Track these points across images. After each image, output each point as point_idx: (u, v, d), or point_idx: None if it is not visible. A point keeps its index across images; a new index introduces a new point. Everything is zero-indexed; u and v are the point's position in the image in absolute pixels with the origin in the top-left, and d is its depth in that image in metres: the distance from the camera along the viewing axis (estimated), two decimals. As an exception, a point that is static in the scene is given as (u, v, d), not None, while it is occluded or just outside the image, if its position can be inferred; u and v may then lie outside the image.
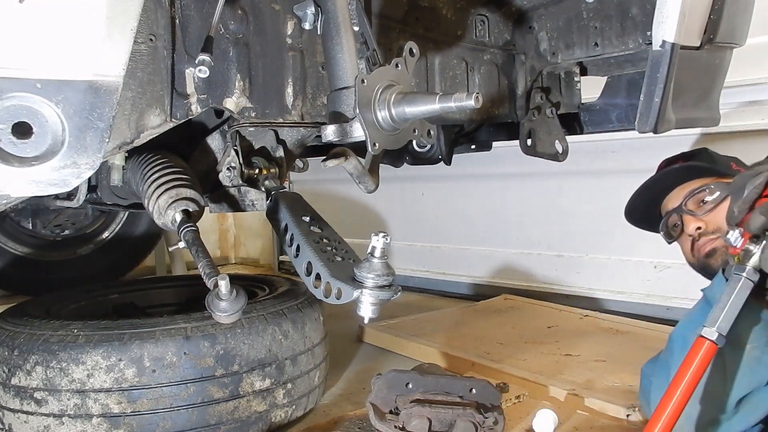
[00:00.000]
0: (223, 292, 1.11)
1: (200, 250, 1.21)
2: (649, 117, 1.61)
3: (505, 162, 3.11)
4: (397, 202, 3.95)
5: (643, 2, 1.84)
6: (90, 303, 2.13)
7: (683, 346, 1.29)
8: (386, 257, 1.19)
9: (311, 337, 1.76)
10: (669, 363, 1.38)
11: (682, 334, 1.39)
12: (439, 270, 3.80)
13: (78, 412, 1.45)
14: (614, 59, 2.05)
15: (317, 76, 1.50)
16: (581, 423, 1.61)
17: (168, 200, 1.32)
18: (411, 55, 1.27)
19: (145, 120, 1.20)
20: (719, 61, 1.84)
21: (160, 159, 1.48)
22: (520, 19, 2.10)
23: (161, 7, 1.21)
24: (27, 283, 3.18)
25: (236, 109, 1.35)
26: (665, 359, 1.43)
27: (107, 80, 0.95)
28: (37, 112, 0.91)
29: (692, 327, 1.29)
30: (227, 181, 1.59)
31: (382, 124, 1.22)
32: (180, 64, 1.25)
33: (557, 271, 3.24)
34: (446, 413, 1.47)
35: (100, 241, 3.42)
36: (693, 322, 1.33)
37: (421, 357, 2.26)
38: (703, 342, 1.18)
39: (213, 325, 1.54)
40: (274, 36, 1.42)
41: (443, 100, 1.16)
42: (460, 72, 1.92)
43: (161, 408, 1.47)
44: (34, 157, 0.92)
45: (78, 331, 1.51)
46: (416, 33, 1.77)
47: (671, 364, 1.36)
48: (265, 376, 1.60)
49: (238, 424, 1.55)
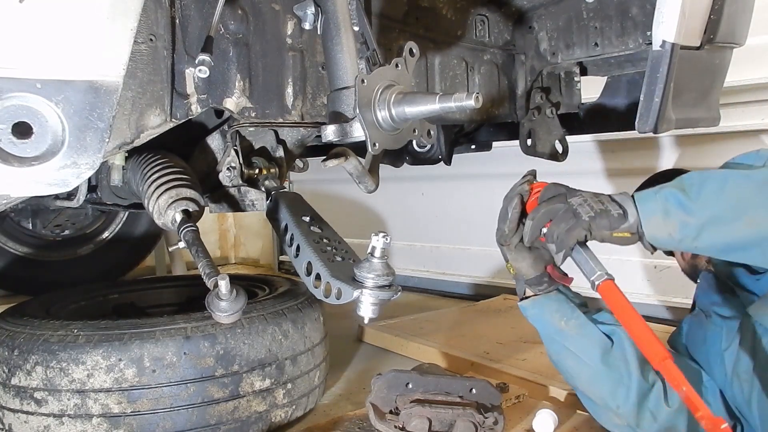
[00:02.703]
0: (223, 292, 1.11)
1: (200, 250, 1.21)
2: (649, 117, 1.61)
3: (505, 162, 3.11)
4: (397, 202, 3.95)
5: (643, 2, 1.84)
6: (90, 303, 2.13)
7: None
8: (386, 257, 1.19)
9: (311, 337, 1.76)
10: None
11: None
12: (439, 270, 3.79)
13: (78, 412, 1.45)
14: (614, 59, 2.06)
15: (317, 76, 1.50)
16: (581, 423, 1.61)
17: (168, 200, 1.32)
18: (411, 55, 1.27)
19: (145, 120, 1.21)
20: (719, 61, 1.84)
21: (160, 159, 1.48)
22: (520, 19, 2.10)
23: (161, 7, 1.21)
24: (27, 283, 3.18)
25: (236, 109, 1.35)
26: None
27: (107, 80, 0.95)
28: (37, 112, 0.91)
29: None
30: (227, 181, 1.59)
31: (382, 124, 1.22)
32: (180, 64, 1.25)
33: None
34: (446, 413, 1.47)
35: (100, 241, 3.42)
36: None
37: (421, 357, 2.26)
38: (604, 284, 1.22)
39: (213, 325, 1.54)
40: (274, 36, 1.42)
41: (443, 100, 1.16)
42: (460, 72, 1.92)
43: (161, 408, 1.47)
44: (34, 157, 0.92)
45: (78, 331, 1.50)
46: (416, 33, 1.77)
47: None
48: (265, 376, 1.60)
49: (238, 424, 1.55)
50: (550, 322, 1.40)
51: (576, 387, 1.46)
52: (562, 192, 1.27)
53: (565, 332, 1.38)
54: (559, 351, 1.40)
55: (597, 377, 1.35)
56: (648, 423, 1.34)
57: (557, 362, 1.43)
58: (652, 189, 1.22)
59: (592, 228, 1.20)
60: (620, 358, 1.34)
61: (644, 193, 1.23)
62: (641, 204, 1.20)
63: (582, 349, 1.36)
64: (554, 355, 1.43)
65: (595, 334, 1.37)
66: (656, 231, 1.19)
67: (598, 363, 1.34)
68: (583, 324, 1.38)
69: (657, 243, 1.21)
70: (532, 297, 1.40)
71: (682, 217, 1.17)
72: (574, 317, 1.38)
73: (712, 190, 1.18)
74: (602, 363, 1.34)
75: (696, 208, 1.16)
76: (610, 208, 1.20)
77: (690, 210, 1.16)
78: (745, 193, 1.17)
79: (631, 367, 1.33)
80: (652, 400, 1.34)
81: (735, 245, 1.18)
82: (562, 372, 1.45)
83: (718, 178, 1.20)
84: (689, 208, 1.16)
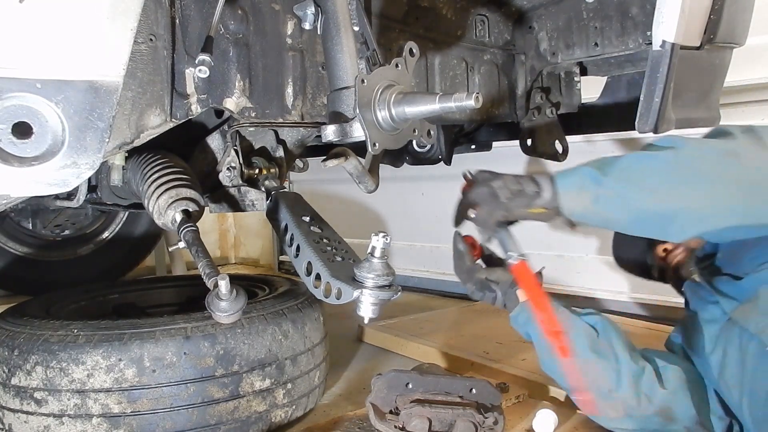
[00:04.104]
0: (223, 292, 1.11)
1: (200, 250, 1.21)
2: (649, 117, 1.61)
3: (505, 162, 3.11)
4: (397, 202, 3.95)
5: (643, 2, 1.84)
6: (90, 303, 2.13)
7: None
8: (386, 257, 1.19)
9: (311, 337, 1.76)
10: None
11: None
12: (439, 270, 3.79)
13: (78, 412, 1.45)
14: (614, 59, 2.06)
15: (317, 76, 1.50)
16: (581, 423, 1.61)
17: (168, 200, 1.32)
18: (411, 55, 1.27)
19: (145, 120, 1.21)
20: (719, 61, 1.84)
21: (160, 159, 1.48)
22: (520, 19, 2.10)
23: (161, 7, 1.21)
24: (27, 283, 3.17)
25: (236, 109, 1.35)
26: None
27: (107, 80, 0.95)
28: (37, 112, 0.91)
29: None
30: (227, 181, 1.59)
31: (382, 124, 1.22)
32: (180, 64, 1.25)
33: (557, 271, 3.23)
34: (446, 413, 1.47)
35: (100, 241, 3.42)
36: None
37: (421, 357, 2.26)
38: (518, 264, 1.37)
39: (213, 325, 1.54)
40: (274, 36, 1.42)
41: (443, 100, 1.16)
42: (460, 72, 1.92)
43: (161, 408, 1.47)
44: (34, 157, 0.92)
45: (78, 331, 1.50)
46: (416, 33, 1.77)
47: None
48: (265, 376, 1.60)
49: (238, 424, 1.55)
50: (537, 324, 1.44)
51: (570, 387, 1.48)
52: (486, 178, 1.39)
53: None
54: (550, 350, 1.43)
55: (587, 366, 1.39)
56: (645, 405, 1.37)
57: (549, 364, 1.47)
58: (572, 167, 1.34)
59: (510, 208, 1.33)
60: (607, 345, 1.39)
61: (564, 171, 1.34)
62: (560, 180, 1.32)
63: (570, 341, 1.40)
64: (545, 357, 1.46)
65: (580, 326, 1.42)
66: (571, 204, 1.30)
67: (587, 352, 1.38)
68: (568, 317, 1.43)
69: (573, 216, 1.32)
70: (519, 304, 1.46)
71: (595, 190, 1.27)
72: (559, 312, 1.43)
73: (623, 167, 1.29)
74: (591, 351, 1.38)
75: (608, 181, 1.27)
76: (525, 188, 1.33)
77: (602, 183, 1.27)
78: (653, 170, 1.27)
79: (618, 352, 1.38)
80: (645, 383, 1.37)
81: (646, 219, 1.28)
82: (555, 375, 1.49)
83: (630, 157, 1.32)
84: (602, 182, 1.27)
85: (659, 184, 1.25)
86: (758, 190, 1.23)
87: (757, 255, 1.36)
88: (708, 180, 1.25)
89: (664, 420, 1.38)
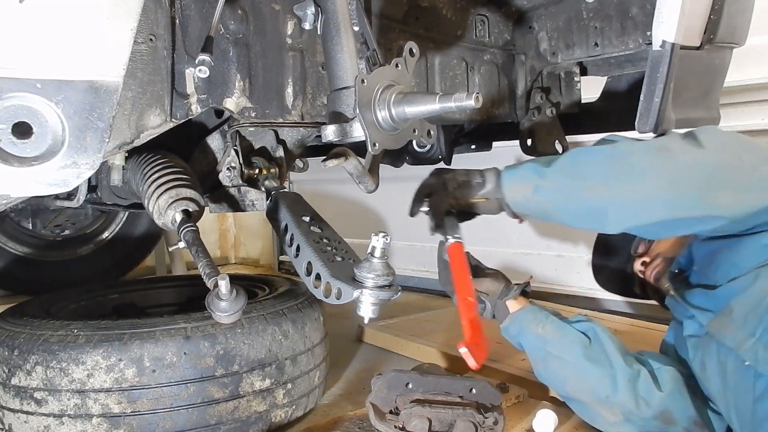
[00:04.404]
0: (223, 292, 1.11)
1: (200, 250, 1.21)
2: (649, 117, 1.61)
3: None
4: (397, 202, 3.94)
5: (643, 2, 1.84)
6: (90, 303, 2.13)
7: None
8: (386, 257, 1.19)
9: (311, 337, 1.76)
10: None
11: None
12: (439, 270, 3.79)
13: (78, 412, 1.45)
14: (614, 59, 2.05)
15: (317, 76, 1.51)
16: (581, 423, 1.61)
17: (168, 200, 1.32)
18: (411, 55, 1.27)
19: (145, 120, 1.21)
20: (719, 61, 1.84)
21: (160, 159, 1.48)
22: (520, 19, 2.10)
23: (161, 7, 1.21)
24: (27, 283, 3.17)
25: (236, 109, 1.35)
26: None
27: (107, 80, 0.95)
28: (37, 112, 0.91)
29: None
30: (227, 181, 1.59)
31: (382, 124, 1.22)
32: (180, 64, 1.25)
33: (557, 271, 3.24)
34: (446, 413, 1.47)
35: (100, 241, 3.42)
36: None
37: (421, 357, 2.26)
38: (453, 244, 1.46)
39: (213, 325, 1.54)
40: (274, 36, 1.42)
41: (443, 100, 1.16)
42: (460, 72, 1.92)
43: (161, 408, 1.47)
44: (34, 157, 0.92)
45: (78, 331, 1.50)
46: (416, 33, 1.77)
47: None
48: (265, 376, 1.60)
49: (238, 424, 1.55)
50: (529, 332, 1.47)
51: (567, 394, 1.51)
52: (439, 171, 1.55)
53: (545, 337, 1.45)
54: (544, 358, 1.46)
55: (582, 373, 1.41)
56: (643, 409, 1.37)
57: (544, 373, 1.50)
58: (522, 162, 1.45)
59: (456, 197, 1.47)
60: (600, 351, 1.41)
61: (512, 165, 1.45)
62: (505, 172, 1.44)
63: (563, 349, 1.43)
64: (540, 366, 1.49)
65: (572, 333, 1.44)
66: (514, 194, 1.42)
67: (581, 359, 1.40)
68: (560, 326, 1.46)
69: (516, 206, 1.43)
70: (510, 314, 1.49)
71: (536, 181, 1.37)
72: (549, 321, 1.46)
73: (565, 161, 1.37)
74: (584, 358, 1.40)
75: (549, 173, 1.35)
76: (471, 179, 1.47)
77: (544, 175, 1.36)
78: (590, 164, 1.34)
79: (611, 357, 1.40)
80: (642, 387, 1.38)
81: (582, 210, 1.34)
82: (550, 383, 1.52)
83: (573, 152, 1.40)
84: (544, 173, 1.36)
85: (595, 177, 1.31)
86: (688, 183, 1.26)
87: (729, 266, 1.35)
88: (639, 173, 1.29)
89: (663, 423, 1.38)
